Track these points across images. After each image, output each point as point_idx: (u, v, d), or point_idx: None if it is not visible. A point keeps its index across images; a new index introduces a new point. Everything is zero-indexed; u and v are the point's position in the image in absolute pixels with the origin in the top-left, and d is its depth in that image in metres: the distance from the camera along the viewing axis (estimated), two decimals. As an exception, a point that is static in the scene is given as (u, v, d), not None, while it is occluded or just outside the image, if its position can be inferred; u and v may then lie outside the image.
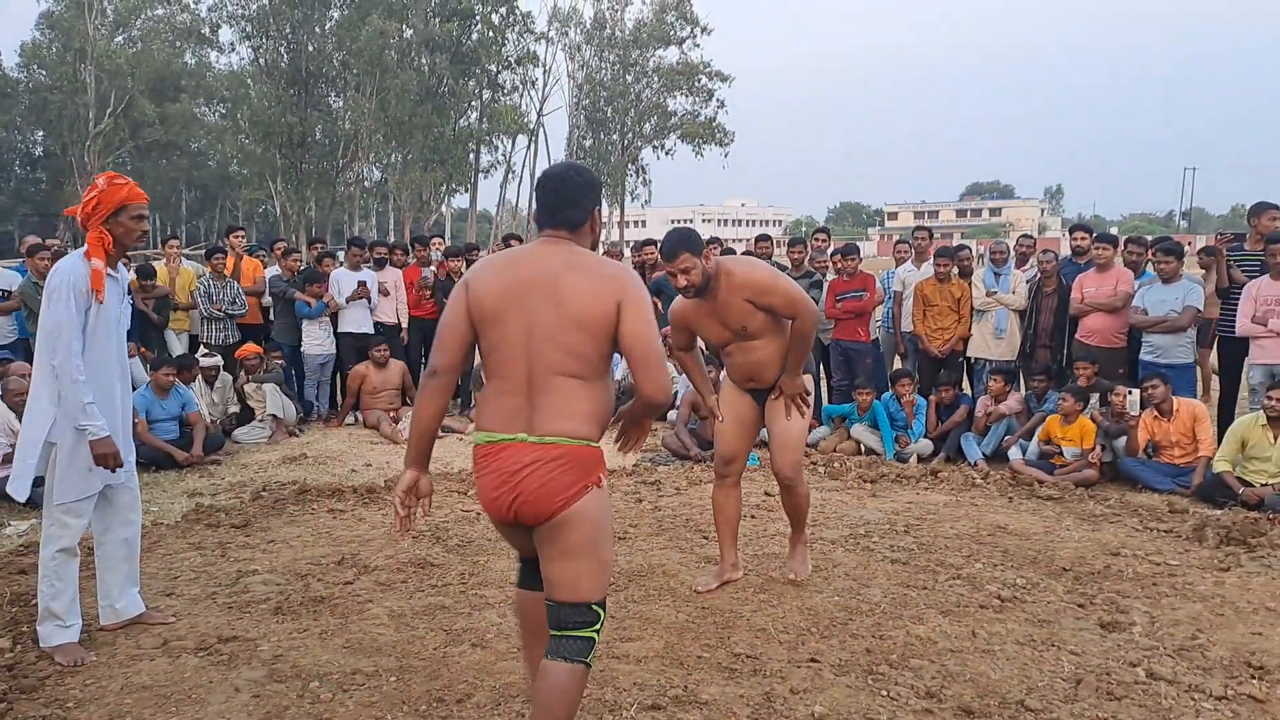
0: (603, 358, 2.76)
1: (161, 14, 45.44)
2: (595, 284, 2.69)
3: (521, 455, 2.68)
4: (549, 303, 2.70)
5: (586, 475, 2.71)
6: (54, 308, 3.73)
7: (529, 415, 2.71)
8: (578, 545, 2.69)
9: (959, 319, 8.54)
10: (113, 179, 3.89)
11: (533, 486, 2.66)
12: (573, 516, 2.67)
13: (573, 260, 2.75)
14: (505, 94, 47.03)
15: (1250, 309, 7.07)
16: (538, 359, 2.70)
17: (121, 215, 3.84)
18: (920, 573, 4.88)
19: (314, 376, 9.58)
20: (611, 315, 2.68)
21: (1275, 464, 6.36)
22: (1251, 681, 3.63)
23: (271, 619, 4.24)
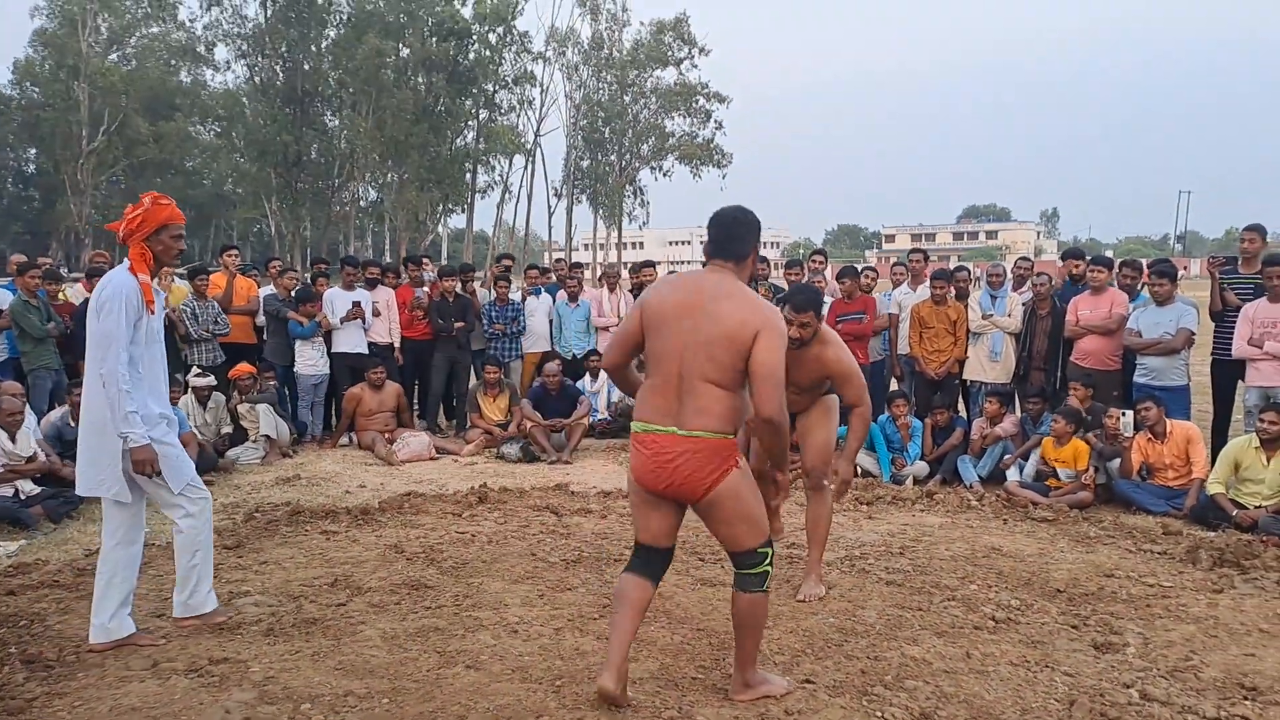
0: (739, 373, 3.35)
1: (156, 32, 45.62)
2: (744, 311, 3.32)
3: (674, 445, 3.37)
4: (705, 321, 3.34)
5: (725, 461, 3.38)
6: (105, 319, 3.96)
7: (678, 411, 3.37)
8: (731, 513, 3.43)
9: (955, 341, 8.56)
10: (157, 199, 4.15)
11: (685, 472, 3.37)
12: (721, 494, 3.39)
13: (730, 289, 3.39)
14: (502, 114, 47.16)
15: (1247, 331, 7.10)
16: (688, 365, 3.36)
17: (162, 234, 4.12)
18: (915, 594, 4.88)
19: (308, 397, 9.55)
20: (748, 337, 3.29)
21: (1269, 486, 6.37)
22: (1244, 703, 3.63)
23: (263, 640, 4.21)
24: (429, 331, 9.96)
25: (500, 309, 10.14)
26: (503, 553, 5.57)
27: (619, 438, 9.83)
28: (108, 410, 3.99)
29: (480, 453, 9.09)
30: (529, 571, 5.22)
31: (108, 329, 3.96)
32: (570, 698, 3.61)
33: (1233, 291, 7.67)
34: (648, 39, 47.88)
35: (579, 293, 10.57)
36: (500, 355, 9.95)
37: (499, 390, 9.50)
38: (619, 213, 50.07)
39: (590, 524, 6.32)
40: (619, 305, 10.55)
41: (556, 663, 3.95)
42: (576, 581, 5.06)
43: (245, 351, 9.53)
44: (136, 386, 4.03)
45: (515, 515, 6.54)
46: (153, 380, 4.16)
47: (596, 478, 8.03)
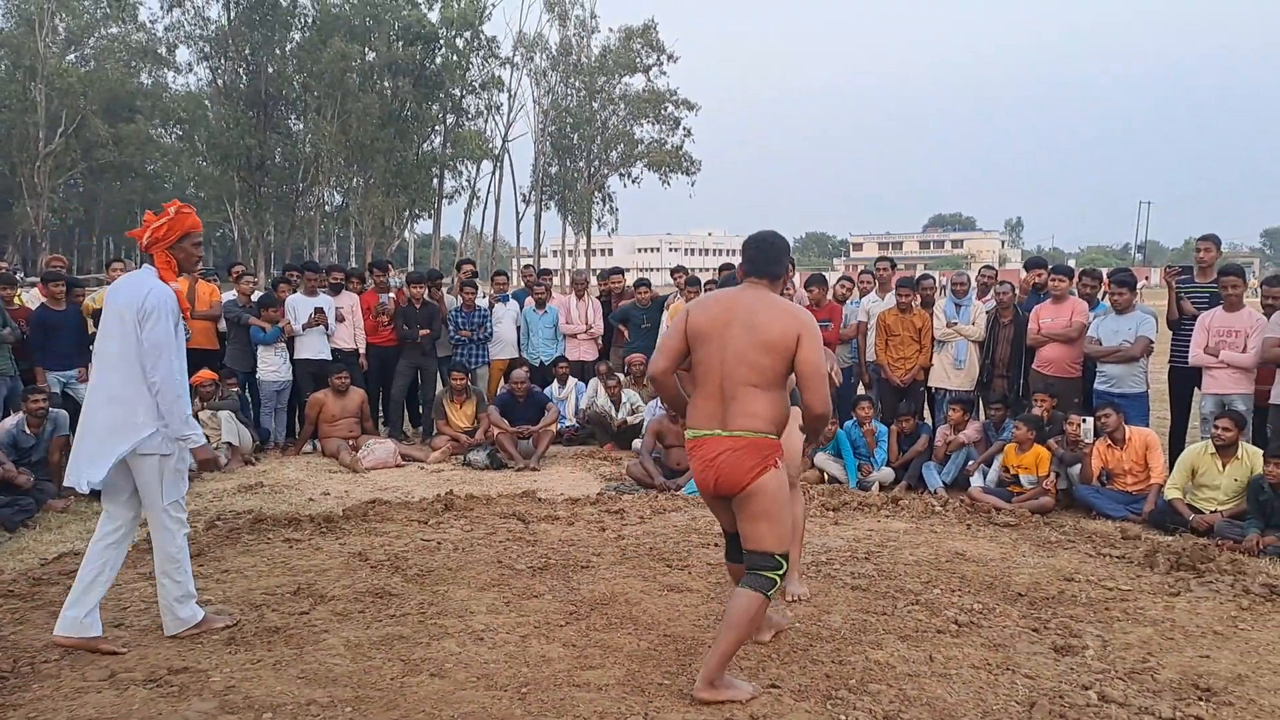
0: (779, 374, 3.65)
1: (116, 33, 44.97)
2: (783, 318, 3.64)
3: (718, 445, 3.64)
4: (744, 330, 3.64)
5: (765, 459, 3.60)
6: (155, 328, 4.09)
7: (722, 415, 3.64)
8: (761, 510, 3.61)
9: (920, 349, 8.64)
10: (181, 208, 4.27)
11: (727, 468, 3.61)
12: (756, 489, 3.59)
13: (767, 301, 3.71)
14: (469, 119, 47.06)
15: (1203, 340, 7.23)
16: (729, 373, 3.64)
17: (185, 241, 4.26)
18: (880, 599, 4.92)
19: (270, 403, 9.45)
20: (792, 342, 3.59)
21: (1224, 491, 6.49)
22: (1199, 703, 3.69)
23: (224, 650, 4.16)
24: (394, 338, 9.90)
25: (466, 315, 10.10)
26: (469, 560, 5.55)
27: (587, 445, 9.83)
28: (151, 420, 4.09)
29: (447, 460, 9.04)
30: (495, 579, 5.20)
31: (157, 338, 4.09)
32: (536, 705, 3.60)
33: (1189, 300, 7.80)
34: (616, 45, 47.95)
35: (547, 299, 10.56)
36: (467, 362, 9.91)
37: (466, 397, 9.46)
38: (588, 219, 50.06)
39: (558, 531, 6.31)
40: (587, 312, 10.55)
41: (523, 670, 3.94)
42: (543, 589, 5.04)
43: (207, 358, 9.41)
44: None
45: (482, 522, 6.51)
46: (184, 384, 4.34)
47: (564, 485, 8.01)
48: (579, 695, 3.67)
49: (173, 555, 4.26)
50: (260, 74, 40.35)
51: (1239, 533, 6.12)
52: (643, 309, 10.30)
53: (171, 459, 4.19)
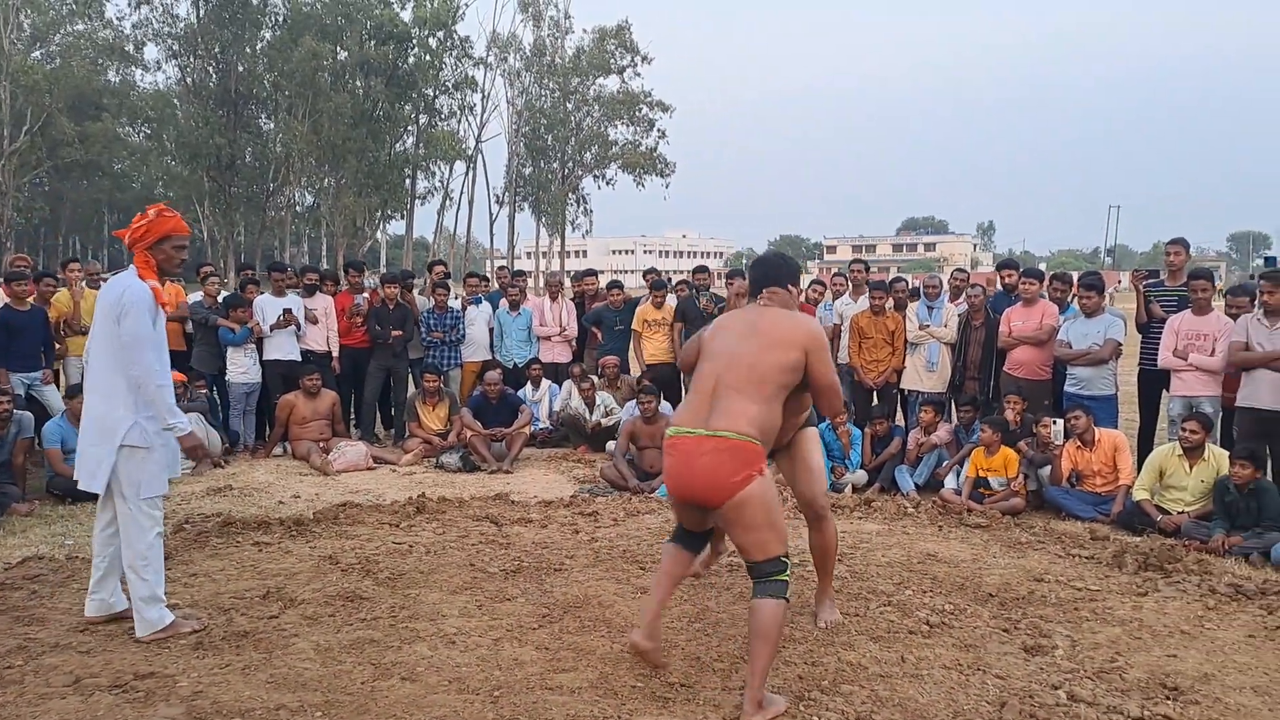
0: (776, 384, 3.65)
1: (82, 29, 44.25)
2: (791, 330, 3.71)
3: (699, 445, 3.57)
4: (745, 336, 3.72)
5: (749, 465, 3.53)
6: (130, 323, 4.18)
7: (708, 416, 3.60)
8: (755, 520, 3.54)
9: (893, 351, 8.69)
10: (162, 211, 4.40)
11: (709, 471, 3.54)
12: (746, 499, 3.52)
13: (776, 314, 3.81)
14: (443, 119, 46.80)
15: (1172, 343, 7.31)
16: (724, 377, 3.65)
17: (165, 244, 4.36)
18: (853, 600, 4.93)
19: (239, 405, 9.36)
20: (796, 356, 3.65)
21: (1191, 493, 6.57)
22: (1166, 702, 3.73)
23: (191, 654, 4.11)
24: (367, 339, 9.84)
25: (439, 317, 10.05)
26: (441, 563, 5.52)
27: (560, 447, 9.80)
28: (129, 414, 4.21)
29: (419, 462, 8.99)
30: (468, 582, 5.17)
31: (135, 331, 4.19)
32: (509, 708, 3.58)
33: (1158, 304, 7.89)
34: (590, 46, 47.88)
35: (521, 301, 10.53)
36: (439, 364, 9.86)
37: (438, 399, 9.41)
38: (562, 221, 49.91)
39: (530, 534, 6.29)
40: (561, 314, 10.52)
41: (495, 673, 3.92)
42: (516, 592, 5.02)
43: (174, 359, 9.24)
44: None
45: (454, 525, 6.48)
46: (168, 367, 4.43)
47: (537, 487, 7.99)
48: (552, 698, 3.66)
49: (141, 552, 4.26)
50: (230, 72, 40.00)
51: (1205, 533, 6.19)
52: (616, 311, 10.29)
53: (151, 453, 4.25)
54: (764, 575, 3.57)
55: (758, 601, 3.56)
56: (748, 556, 3.63)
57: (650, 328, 10.03)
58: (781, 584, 3.56)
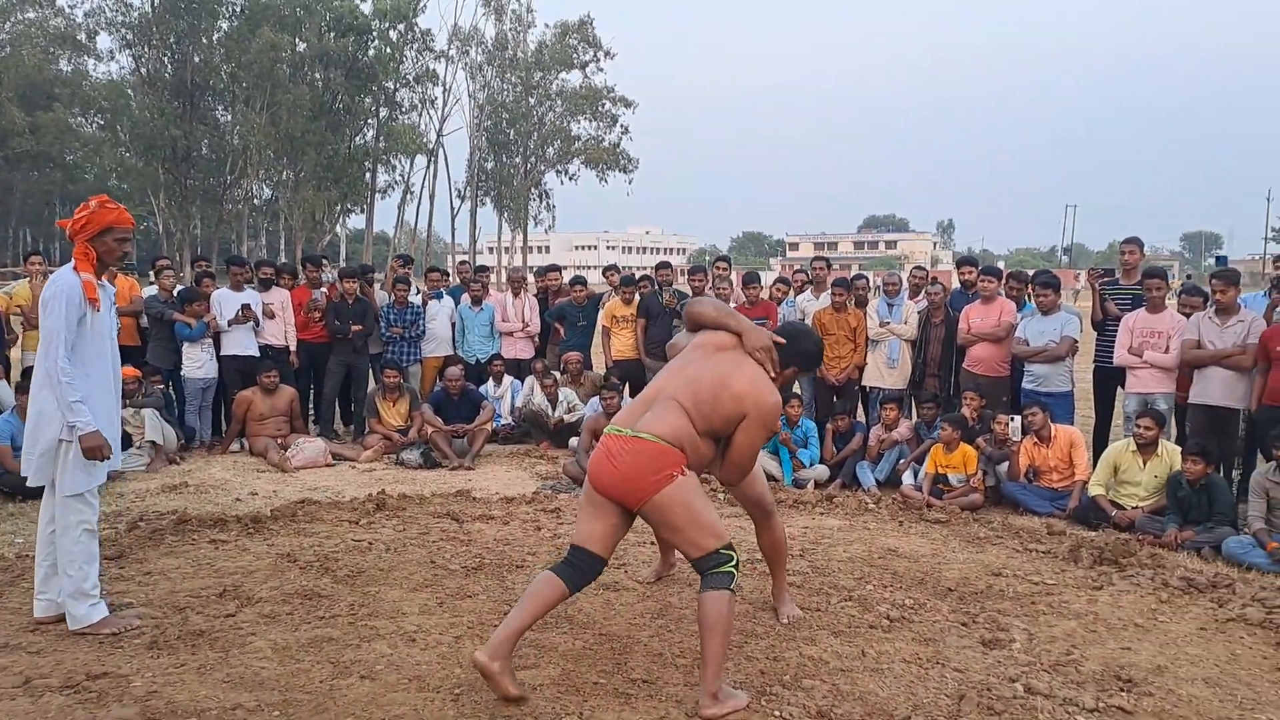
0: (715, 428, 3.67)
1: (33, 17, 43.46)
2: (751, 387, 3.64)
3: (622, 444, 3.62)
4: (708, 367, 3.70)
5: (667, 467, 3.56)
6: (49, 316, 4.14)
7: (638, 417, 3.67)
8: (679, 520, 3.57)
9: (855, 348, 8.74)
10: (104, 202, 4.31)
11: (626, 469, 3.57)
12: (666, 501, 3.55)
13: (742, 359, 3.74)
14: (403, 112, 46.45)
15: (1127, 340, 7.42)
16: (669, 387, 3.70)
17: (106, 236, 4.29)
18: (814, 595, 4.96)
19: (195, 401, 9.20)
20: (740, 411, 3.62)
21: (1145, 488, 6.68)
22: (1121, 694, 3.79)
23: (146, 654, 4.04)
24: (325, 334, 9.73)
25: (399, 311, 9.96)
26: (401, 561, 5.47)
27: (523, 443, 9.76)
28: (48, 403, 4.19)
29: (379, 459, 8.91)
30: (428, 579, 5.13)
31: (50, 325, 4.13)
32: (470, 706, 3.56)
33: (1113, 302, 8.01)
34: (552, 41, 47.71)
35: (483, 296, 10.46)
36: (399, 359, 9.77)
37: (399, 395, 9.33)
38: (524, 216, 49.73)
39: (492, 531, 6.25)
40: (524, 310, 10.47)
41: (455, 671, 3.89)
42: (477, 589, 4.99)
43: (128, 354, 9.10)
44: (83, 381, 4.19)
45: (415, 522, 6.43)
46: (100, 376, 4.31)
47: (499, 484, 7.95)
48: (512, 696, 3.63)
49: (67, 548, 4.25)
50: (186, 63, 39.41)
51: (1159, 528, 6.30)
52: (578, 307, 10.27)
53: (73, 446, 4.20)
54: (706, 570, 3.59)
55: (702, 595, 3.57)
56: (686, 556, 3.67)
57: (618, 324, 10.02)
58: (725, 575, 3.56)
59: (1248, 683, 3.97)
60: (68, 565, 4.24)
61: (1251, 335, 6.79)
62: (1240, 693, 3.86)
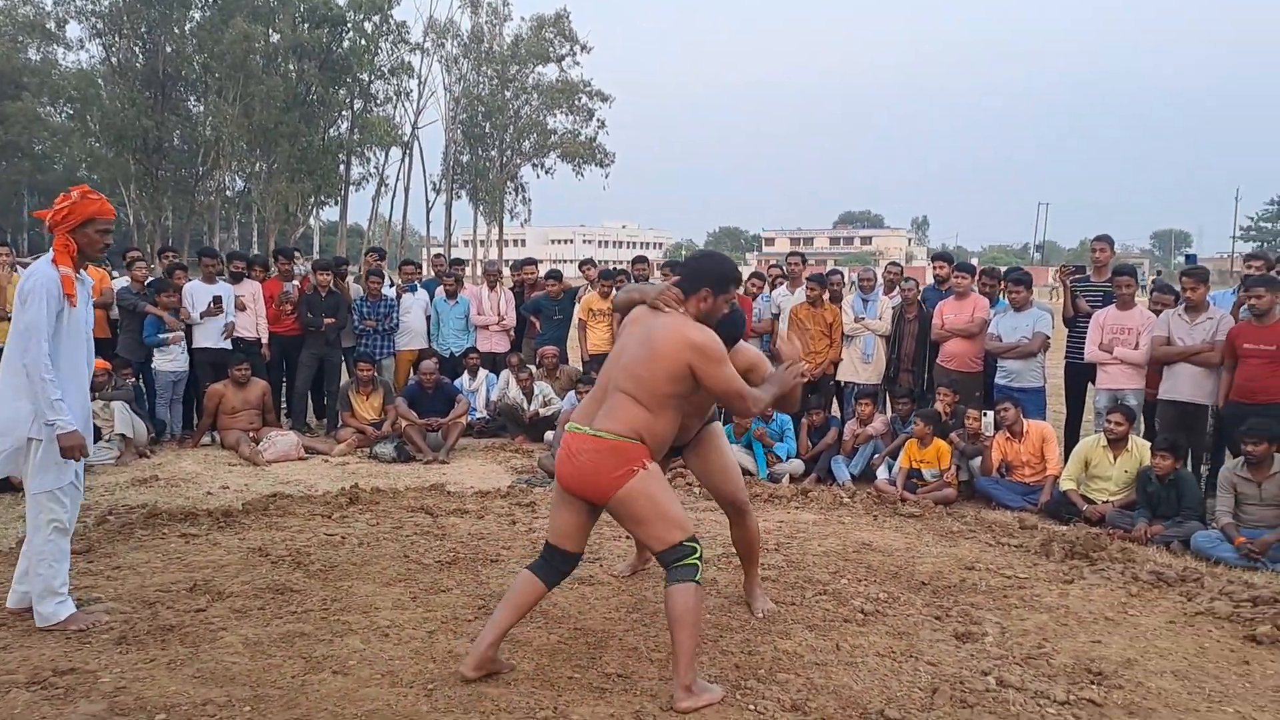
0: (660, 394, 3.61)
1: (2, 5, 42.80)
2: (671, 338, 3.59)
3: (583, 443, 3.63)
4: (635, 345, 3.69)
5: (629, 462, 3.56)
6: (28, 310, 4.05)
7: (594, 415, 3.67)
8: (642, 513, 3.58)
9: (830, 343, 8.76)
10: (86, 193, 4.24)
11: (589, 469, 3.59)
12: (629, 495, 3.55)
13: (667, 321, 3.68)
14: (378, 105, 46.13)
15: (1097, 337, 7.48)
16: (613, 380, 3.69)
17: (88, 227, 4.20)
18: (789, 589, 4.98)
19: (166, 394, 9.12)
20: (679, 368, 3.58)
21: (1115, 483, 6.74)
22: (1091, 687, 3.83)
23: (114, 649, 4.00)
24: (298, 327, 9.65)
25: (372, 304, 9.90)
26: (374, 555, 5.44)
27: (498, 437, 9.73)
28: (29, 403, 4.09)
29: (352, 452, 8.85)
30: (401, 574, 5.10)
31: (31, 319, 4.05)
32: (443, 701, 3.54)
33: (1084, 299, 8.07)
34: (528, 34, 47.55)
35: (458, 290, 10.41)
36: (372, 352, 9.71)
37: (372, 388, 9.27)
38: (500, 209, 49.57)
39: (466, 525, 6.23)
40: (499, 303, 10.43)
41: (429, 666, 3.87)
42: (451, 583, 4.97)
43: (99, 346, 8.97)
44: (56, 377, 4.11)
45: (388, 516, 6.39)
46: (73, 372, 4.23)
47: (474, 478, 7.92)
48: (487, 691, 3.63)
49: (38, 547, 4.20)
50: (158, 53, 38.95)
51: (1129, 522, 6.36)
52: (554, 300, 10.25)
53: (46, 446, 4.14)
54: (670, 563, 3.59)
55: (668, 589, 3.58)
56: (651, 549, 3.68)
57: (595, 317, 10.00)
58: (690, 568, 3.57)
59: (1215, 675, 4.01)
60: (38, 563, 4.18)
61: (1220, 332, 6.87)
62: (1208, 685, 3.91)
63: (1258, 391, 6.52)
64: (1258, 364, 6.54)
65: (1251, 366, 6.57)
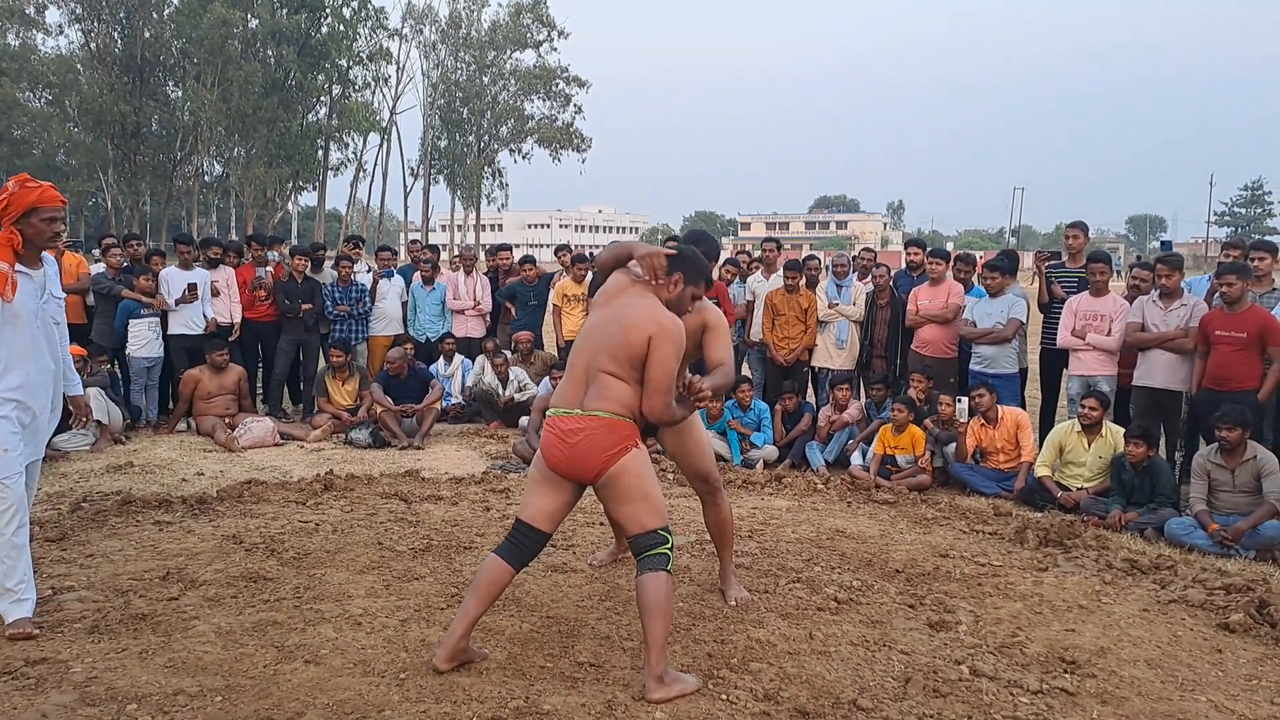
0: (636, 372, 3.66)
1: (-21, -9, 42.19)
2: (641, 320, 3.67)
3: (576, 424, 3.66)
4: (614, 323, 3.72)
5: (623, 440, 3.64)
6: None
7: (581, 397, 3.70)
8: (628, 491, 3.63)
9: (806, 329, 8.77)
10: (24, 182, 4.06)
11: (585, 447, 3.62)
12: (618, 471, 3.62)
13: (639, 301, 3.79)
14: (357, 90, 45.86)
15: (1071, 323, 7.52)
16: (593, 359, 3.72)
17: (32, 217, 4.01)
18: (762, 577, 4.98)
19: (140, 380, 9.04)
20: (643, 344, 3.63)
21: (1089, 469, 6.78)
22: (1064, 676, 3.84)
23: (86, 639, 3.96)
24: (272, 313, 9.59)
25: (344, 290, 9.83)
26: (348, 542, 5.41)
27: (473, 423, 9.70)
28: None
29: (327, 438, 8.81)
30: (375, 561, 5.08)
31: None
32: (415, 690, 3.52)
33: (1059, 284, 8.10)
34: (506, 20, 47.36)
35: (434, 275, 10.36)
36: (347, 338, 9.65)
37: (348, 374, 9.22)
38: (477, 194, 49.42)
39: (441, 511, 6.21)
40: (475, 288, 10.39)
41: (401, 655, 3.85)
42: (425, 571, 4.95)
43: (74, 332, 8.88)
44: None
45: (362, 503, 6.36)
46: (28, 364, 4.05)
47: (449, 464, 7.89)
48: (459, 680, 3.61)
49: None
50: (136, 38, 38.58)
51: (1104, 509, 6.40)
52: (529, 286, 10.22)
53: None
54: (643, 550, 3.61)
55: (640, 578, 3.59)
56: (625, 532, 3.70)
57: (570, 303, 9.97)
58: (661, 557, 3.59)
59: (1189, 664, 4.04)
60: None
61: (1194, 319, 6.90)
62: (1181, 674, 3.94)
63: (1229, 379, 6.56)
64: (1229, 351, 6.59)
65: (1223, 354, 6.61)
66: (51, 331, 4.21)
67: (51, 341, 4.21)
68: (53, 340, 4.22)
